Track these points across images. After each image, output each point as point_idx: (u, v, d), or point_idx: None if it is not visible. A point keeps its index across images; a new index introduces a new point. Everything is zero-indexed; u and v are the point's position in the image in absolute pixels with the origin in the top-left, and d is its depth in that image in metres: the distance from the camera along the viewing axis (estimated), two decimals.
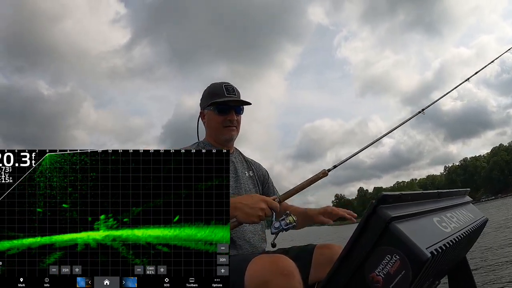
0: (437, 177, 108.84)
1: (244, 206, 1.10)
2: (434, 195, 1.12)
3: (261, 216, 1.12)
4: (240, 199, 1.14)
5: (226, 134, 1.50)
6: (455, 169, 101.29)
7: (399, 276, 0.75)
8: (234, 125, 1.50)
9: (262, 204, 1.12)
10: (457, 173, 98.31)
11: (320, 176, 1.37)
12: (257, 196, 1.17)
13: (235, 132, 1.52)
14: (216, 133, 1.51)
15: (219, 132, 1.50)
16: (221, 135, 1.50)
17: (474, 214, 1.34)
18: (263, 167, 1.69)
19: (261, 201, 1.13)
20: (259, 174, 1.63)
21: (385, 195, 0.81)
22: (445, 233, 0.95)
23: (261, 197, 1.15)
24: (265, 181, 1.65)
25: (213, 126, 1.51)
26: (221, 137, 1.50)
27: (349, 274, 0.82)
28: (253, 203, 1.11)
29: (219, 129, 1.49)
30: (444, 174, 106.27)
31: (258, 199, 1.13)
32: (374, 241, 0.79)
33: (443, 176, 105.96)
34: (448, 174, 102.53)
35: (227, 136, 1.50)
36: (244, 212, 1.10)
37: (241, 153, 1.65)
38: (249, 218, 1.11)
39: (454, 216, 1.13)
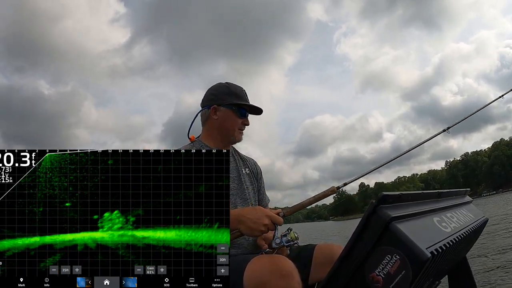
0: (438, 172, 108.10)
1: (248, 221, 1.12)
2: (434, 195, 1.12)
3: (264, 231, 1.14)
4: (243, 212, 1.14)
5: (238, 137, 1.51)
6: (456, 164, 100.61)
7: (399, 276, 0.75)
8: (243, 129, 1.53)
9: (265, 220, 1.13)
10: (458, 168, 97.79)
11: (329, 193, 1.33)
12: (261, 210, 1.16)
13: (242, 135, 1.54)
14: (227, 133, 1.49)
15: (232, 133, 1.49)
16: (233, 137, 1.50)
17: (474, 214, 1.34)
18: (258, 164, 1.68)
19: (265, 216, 1.14)
20: (254, 171, 1.62)
21: (385, 195, 0.81)
22: (445, 233, 0.95)
23: (264, 212, 1.15)
24: (258, 180, 1.64)
25: (228, 126, 1.48)
26: (232, 139, 1.51)
27: (349, 274, 0.82)
28: (257, 218, 1.13)
29: (234, 130, 1.49)
30: (445, 169, 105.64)
31: (262, 215, 1.14)
32: (374, 241, 0.79)
33: (444, 171, 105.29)
34: (449, 169, 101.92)
35: (238, 139, 1.52)
36: (247, 227, 1.13)
37: (237, 150, 1.64)
38: (252, 233, 1.14)
39: (454, 216, 1.13)
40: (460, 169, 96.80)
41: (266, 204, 1.61)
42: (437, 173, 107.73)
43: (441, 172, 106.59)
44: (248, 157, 1.66)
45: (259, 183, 1.63)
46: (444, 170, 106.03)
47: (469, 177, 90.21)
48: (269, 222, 1.13)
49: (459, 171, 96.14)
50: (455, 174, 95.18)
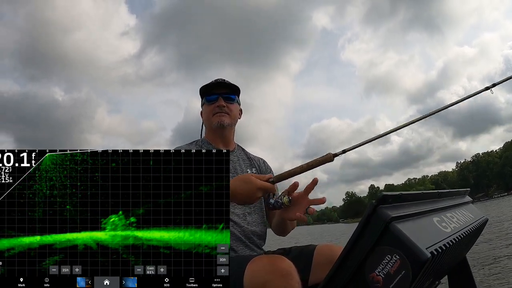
0: (449, 174, 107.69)
1: (240, 195, 1.12)
2: (434, 195, 1.12)
3: (258, 200, 1.18)
4: (234, 186, 1.10)
5: (215, 120, 1.49)
6: (467, 165, 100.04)
7: (399, 276, 0.75)
8: (224, 111, 1.50)
9: (259, 193, 1.13)
10: (469, 169, 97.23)
11: (323, 160, 1.16)
12: (251, 183, 1.12)
13: (226, 118, 1.50)
14: (208, 124, 1.53)
15: (210, 121, 1.51)
16: (212, 123, 1.50)
17: (474, 214, 1.34)
18: (267, 163, 1.66)
19: (257, 189, 1.12)
20: (262, 170, 1.61)
21: (385, 195, 0.81)
22: (445, 233, 0.95)
23: (256, 184, 1.12)
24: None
25: (206, 117, 1.54)
26: (213, 126, 1.50)
27: (349, 274, 0.82)
28: (249, 192, 1.12)
29: (209, 118, 1.51)
30: (456, 170, 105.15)
31: (254, 187, 1.12)
32: (374, 241, 0.79)
33: (455, 172, 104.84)
34: (460, 170, 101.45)
35: (216, 123, 1.49)
36: (241, 200, 1.14)
37: (244, 150, 1.64)
38: (247, 204, 1.26)
39: (454, 216, 1.13)
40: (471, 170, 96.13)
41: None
42: (448, 175, 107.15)
43: (452, 174, 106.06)
44: (256, 157, 1.66)
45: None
46: (455, 171, 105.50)
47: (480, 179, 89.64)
48: (262, 193, 1.15)
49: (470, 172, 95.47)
50: (466, 176, 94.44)
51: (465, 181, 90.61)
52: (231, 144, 1.58)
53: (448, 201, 1.21)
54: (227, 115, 1.51)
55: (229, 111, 1.51)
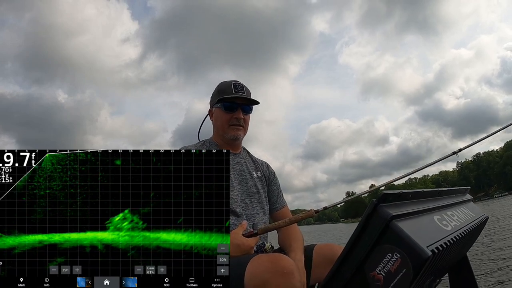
0: (450, 173, 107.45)
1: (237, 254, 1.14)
2: (435, 193, 1.12)
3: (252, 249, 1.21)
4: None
5: (231, 133, 1.46)
6: (468, 165, 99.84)
7: (400, 274, 0.75)
8: (241, 124, 1.47)
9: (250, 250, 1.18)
10: (470, 169, 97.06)
11: (306, 216, 1.26)
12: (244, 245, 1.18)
13: (242, 131, 1.49)
14: (222, 131, 1.49)
15: (225, 130, 1.47)
16: (227, 134, 1.47)
17: (475, 212, 1.34)
18: (271, 167, 1.66)
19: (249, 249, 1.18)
20: (266, 174, 1.60)
21: (385, 193, 0.81)
22: (446, 231, 0.95)
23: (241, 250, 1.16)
24: (270, 182, 1.61)
25: (220, 124, 1.49)
26: (227, 136, 1.48)
27: (350, 272, 0.82)
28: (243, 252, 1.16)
29: (225, 127, 1.47)
30: (457, 169, 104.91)
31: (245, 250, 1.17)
32: (375, 240, 0.79)
33: (456, 172, 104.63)
34: (461, 170, 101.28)
35: (232, 135, 1.47)
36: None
37: (249, 153, 1.63)
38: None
39: (454, 214, 1.12)
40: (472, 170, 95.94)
41: (279, 207, 1.57)
42: (448, 174, 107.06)
43: (452, 173, 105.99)
44: (261, 160, 1.65)
45: (271, 186, 1.60)
46: (456, 171, 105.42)
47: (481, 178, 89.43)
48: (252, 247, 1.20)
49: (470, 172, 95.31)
50: (467, 175, 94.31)
51: (466, 180, 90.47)
52: (239, 149, 1.57)
53: (449, 199, 1.21)
54: (243, 128, 1.49)
55: (245, 124, 1.50)
